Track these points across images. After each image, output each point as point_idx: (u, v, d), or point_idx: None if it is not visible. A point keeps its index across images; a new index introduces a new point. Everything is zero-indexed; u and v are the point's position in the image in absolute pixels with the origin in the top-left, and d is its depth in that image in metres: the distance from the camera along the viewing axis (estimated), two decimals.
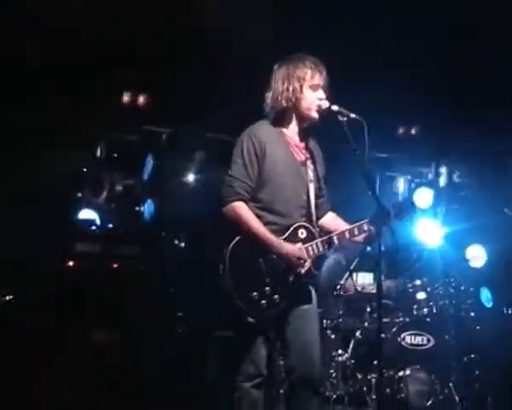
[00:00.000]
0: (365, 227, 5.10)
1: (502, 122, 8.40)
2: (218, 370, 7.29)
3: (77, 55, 7.67)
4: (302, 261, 4.95)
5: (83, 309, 7.48)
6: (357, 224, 5.14)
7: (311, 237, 5.06)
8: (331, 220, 5.34)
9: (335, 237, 5.11)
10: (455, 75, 8.26)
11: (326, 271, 8.40)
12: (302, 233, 5.04)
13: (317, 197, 5.20)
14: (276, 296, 4.92)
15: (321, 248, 5.05)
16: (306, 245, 5.02)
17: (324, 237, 5.09)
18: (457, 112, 8.53)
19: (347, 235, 5.13)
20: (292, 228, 5.02)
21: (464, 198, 9.09)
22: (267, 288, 4.91)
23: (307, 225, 5.07)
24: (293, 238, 5.01)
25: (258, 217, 4.98)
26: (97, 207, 8.83)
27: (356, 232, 5.14)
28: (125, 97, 8.79)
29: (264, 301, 4.90)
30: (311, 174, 5.17)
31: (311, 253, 5.02)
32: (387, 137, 8.58)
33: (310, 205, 5.13)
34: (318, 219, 5.23)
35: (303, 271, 4.97)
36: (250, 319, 4.90)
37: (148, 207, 8.99)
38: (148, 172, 9.14)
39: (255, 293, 4.88)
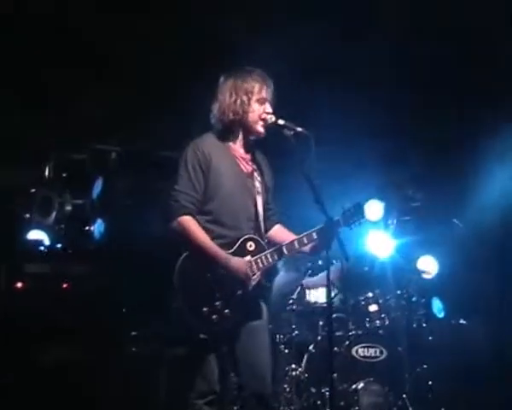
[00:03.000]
0: (314, 236, 5.10)
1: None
2: (170, 388, 7.21)
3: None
4: (250, 276, 4.93)
5: (32, 330, 7.38)
6: (306, 233, 5.13)
7: (260, 250, 5.05)
8: (279, 232, 5.34)
9: (284, 248, 5.10)
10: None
11: (277, 286, 8.41)
12: (251, 246, 5.04)
13: (264, 209, 5.19)
14: (226, 311, 4.91)
15: (270, 260, 5.05)
16: (255, 257, 5.00)
17: (273, 248, 5.07)
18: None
19: (296, 245, 5.13)
20: (240, 241, 5.01)
21: (415, 209, 9.11)
22: (217, 303, 4.90)
23: (256, 238, 5.07)
24: (241, 251, 5.00)
25: (207, 230, 4.97)
26: (46, 228, 8.72)
27: (305, 241, 5.13)
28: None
29: (215, 316, 4.88)
30: (258, 186, 5.17)
31: (261, 265, 5.01)
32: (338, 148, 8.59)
33: (258, 217, 5.13)
34: (267, 231, 5.23)
35: (250, 286, 4.95)
36: (202, 335, 4.88)
37: (98, 227, 8.91)
38: (98, 192, 9.06)
39: (206, 308, 4.87)
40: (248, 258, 4.99)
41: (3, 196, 8.38)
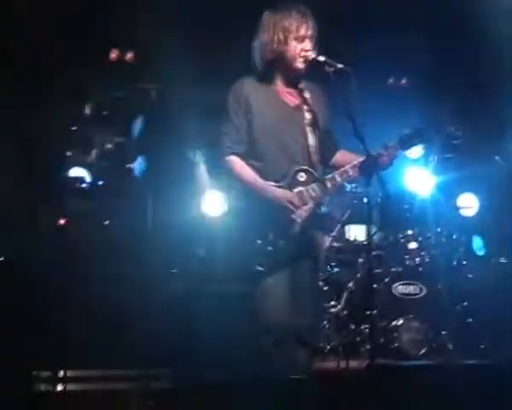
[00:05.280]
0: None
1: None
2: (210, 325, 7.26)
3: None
4: (296, 204, 4.94)
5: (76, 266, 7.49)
6: (360, 160, 5.06)
7: (312, 180, 5.04)
8: (342, 156, 5.31)
9: (337, 175, 5.08)
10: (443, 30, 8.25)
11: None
12: (302, 177, 5.02)
13: (320, 140, 5.16)
14: (281, 242, 4.92)
15: (323, 188, 5.02)
16: (307, 187, 5.00)
17: (324, 177, 5.06)
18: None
19: (350, 171, 5.07)
20: (291, 173, 5.01)
21: (456, 147, 9.03)
22: (271, 234, 4.91)
23: (307, 168, 5.04)
24: (293, 183, 5.01)
25: (256, 169, 5.01)
26: (87, 165, 8.80)
27: (358, 168, 5.05)
28: (112, 54, 8.75)
29: (270, 248, 4.90)
30: (308, 117, 5.13)
31: (313, 194, 5.00)
32: (377, 88, 8.53)
33: (309, 149, 5.10)
34: (328, 160, 5.23)
35: (302, 215, 4.96)
36: (259, 268, 4.90)
37: (139, 165, 8.96)
38: (138, 130, 9.10)
39: (260, 241, 4.89)
40: (300, 188, 4.99)
41: (45, 134, 8.42)
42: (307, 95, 5.20)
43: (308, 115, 5.14)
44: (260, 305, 4.98)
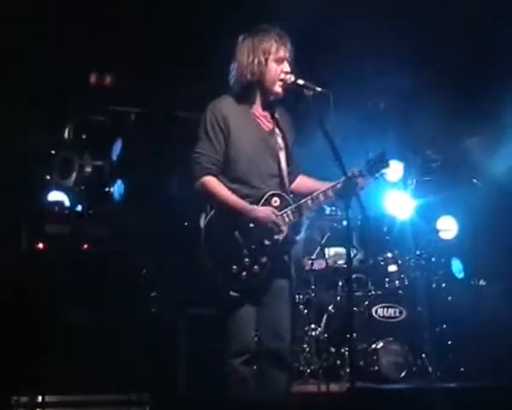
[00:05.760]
0: (339, 186, 5.06)
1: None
2: (193, 348, 7.24)
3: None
4: (278, 223, 4.94)
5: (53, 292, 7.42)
6: (332, 184, 5.07)
7: (285, 204, 5.02)
8: (303, 181, 5.31)
9: (309, 201, 5.09)
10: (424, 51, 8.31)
11: (297, 246, 8.43)
12: (276, 201, 5.01)
13: (287, 164, 5.18)
14: (256, 267, 4.89)
15: (296, 214, 5.02)
16: (281, 212, 4.99)
17: (298, 203, 5.05)
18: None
19: (322, 197, 5.08)
20: (265, 197, 4.98)
21: (434, 170, 9.08)
22: (246, 259, 4.88)
23: (280, 193, 5.03)
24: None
25: (232, 190, 4.97)
26: (66, 189, 8.76)
27: (330, 193, 5.08)
28: (92, 78, 8.74)
29: (244, 273, 4.87)
30: (280, 142, 5.14)
31: (287, 219, 4.98)
32: (355, 111, 8.55)
33: (282, 173, 5.10)
34: (291, 184, 5.23)
35: (281, 237, 4.96)
36: (233, 293, 4.88)
37: (117, 188, 8.94)
38: (117, 153, 9.08)
39: (235, 266, 4.86)
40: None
41: (24, 158, 8.40)
42: (279, 119, 5.22)
43: (280, 140, 5.16)
44: (232, 328, 4.97)
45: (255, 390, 5.01)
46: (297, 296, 7.94)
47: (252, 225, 4.91)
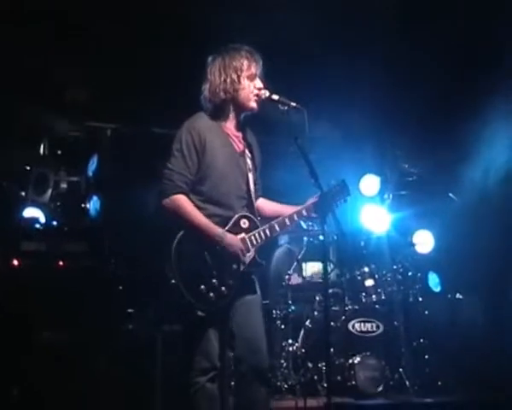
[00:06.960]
0: (304, 213, 5.16)
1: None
2: (167, 365, 7.21)
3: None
4: (245, 251, 4.95)
5: (28, 309, 7.36)
6: (297, 210, 5.17)
7: (253, 227, 5.05)
8: (263, 205, 5.35)
9: (276, 225, 5.11)
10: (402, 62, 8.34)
11: (275, 261, 8.44)
12: (244, 223, 5.04)
13: (255, 186, 5.20)
14: (223, 288, 4.91)
15: (263, 237, 5.05)
16: (249, 234, 5.01)
17: (266, 225, 5.08)
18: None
19: (288, 222, 5.14)
20: (234, 218, 5.01)
21: (411, 184, 9.12)
22: (214, 280, 4.89)
23: (249, 215, 5.07)
24: (235, 229, 5.00)
25: (200, 209, 4.97)
26: (42, 206, 8.71)
27: (295, 218, 5.16)
28: (68, 94, 8.72)
29: (212, 294, 4.88)
30: (249, 163, 5.17)
31: (255, 242, 5.02)
32: (331, 125, 8.59)
33: (250, 195, 5.13)
34: None
35: (247, 261, 4.96)
36: (200, 313, 4.87)
37: (93, 204, 8.90)
38: (93, 169, 9.04)
39: (203, 286, 4.86)
40: (242, 235, 5.00)
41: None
42: (248, 141, 5.24)
43: (249, 161, 5.18)
44: (199, 346, 4.96)
45: (234, 408, 5.04)
46: (274, 312, 7.95)
47: (219, 248, 4.92)
